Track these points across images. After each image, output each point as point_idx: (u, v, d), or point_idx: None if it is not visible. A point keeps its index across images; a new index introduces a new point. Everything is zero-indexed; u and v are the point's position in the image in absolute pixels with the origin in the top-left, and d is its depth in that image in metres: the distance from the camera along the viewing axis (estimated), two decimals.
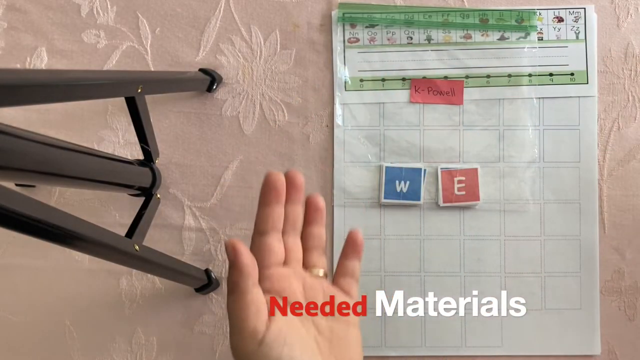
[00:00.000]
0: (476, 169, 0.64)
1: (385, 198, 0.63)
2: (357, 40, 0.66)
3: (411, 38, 0.66)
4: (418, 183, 0.64)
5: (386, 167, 0.63)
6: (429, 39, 0.65)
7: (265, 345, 0.34)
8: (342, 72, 0.66)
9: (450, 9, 0.65)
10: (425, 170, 0.64)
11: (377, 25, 0.65)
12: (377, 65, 0.66)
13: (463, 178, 0.63)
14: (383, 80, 0.66)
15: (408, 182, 0.64)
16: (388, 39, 0.66)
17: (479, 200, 0.64)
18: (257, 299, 0.35)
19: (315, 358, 0.36)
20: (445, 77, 0.65)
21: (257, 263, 0.36)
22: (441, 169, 0.64)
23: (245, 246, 0.35)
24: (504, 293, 0.62)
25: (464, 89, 0.65)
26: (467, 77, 0.65)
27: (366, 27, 0.66)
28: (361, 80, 0.66)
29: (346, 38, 0.66)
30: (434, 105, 0.65)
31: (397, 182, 0.62)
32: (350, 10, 0.66)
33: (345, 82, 0.66)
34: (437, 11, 0.65)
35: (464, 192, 0.63)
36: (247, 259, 0.35)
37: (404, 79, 0.65)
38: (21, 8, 0.69)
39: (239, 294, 0.35)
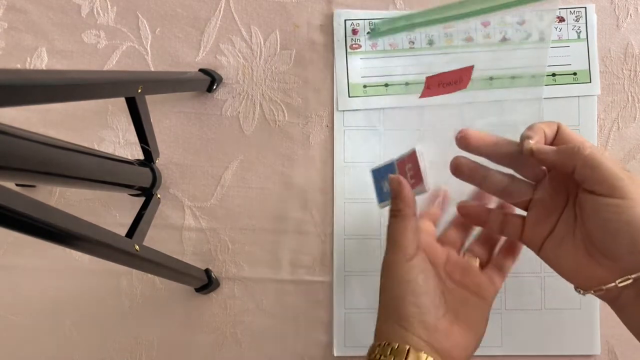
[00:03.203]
0: (414, 151, 0.51)
1: (380, 201, 0.54)
2: (359, 46, 0.66)
3: (413, 42, 0.65)
4: None
5: (372, 171, 0.55)
6: (430, 43, 0.65)
7: (411, 264, 0.43)
8: (344, 79, 0.66)
9: (450, 11, 0.65)
10: (394, 162, 0.54)
11: None
12: (379, 70, 0.66)
13: (410, 165, 0.52)
14: (386, 85, 0.65)
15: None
16: (390, 44, 0.66)
17: (422, 183, 0.51)
18: (414, 226, 0.45)
19: (437, 300, 0.43)
20: None
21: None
22: (396, 160, 0.53)
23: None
24: None
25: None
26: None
27: (368, 33, 0.66)
28: (365, 87, 0.66)
29: (348, 45, 0.66)
30: (436, 107, 0.64)
31: (383, 182, 0.54)
32: (352, 18, 0.66)
33: (347, 88, 0.66)
34: (438, 14, 0.65)
35: (413, 180, 0.52)
36: (410, 192, 0.46)
37: (406, 84, 0.65)
38: (21, 8, 0.69)
39: (402, 218, 0.45)
